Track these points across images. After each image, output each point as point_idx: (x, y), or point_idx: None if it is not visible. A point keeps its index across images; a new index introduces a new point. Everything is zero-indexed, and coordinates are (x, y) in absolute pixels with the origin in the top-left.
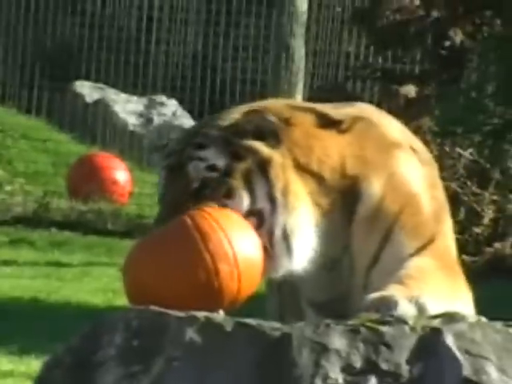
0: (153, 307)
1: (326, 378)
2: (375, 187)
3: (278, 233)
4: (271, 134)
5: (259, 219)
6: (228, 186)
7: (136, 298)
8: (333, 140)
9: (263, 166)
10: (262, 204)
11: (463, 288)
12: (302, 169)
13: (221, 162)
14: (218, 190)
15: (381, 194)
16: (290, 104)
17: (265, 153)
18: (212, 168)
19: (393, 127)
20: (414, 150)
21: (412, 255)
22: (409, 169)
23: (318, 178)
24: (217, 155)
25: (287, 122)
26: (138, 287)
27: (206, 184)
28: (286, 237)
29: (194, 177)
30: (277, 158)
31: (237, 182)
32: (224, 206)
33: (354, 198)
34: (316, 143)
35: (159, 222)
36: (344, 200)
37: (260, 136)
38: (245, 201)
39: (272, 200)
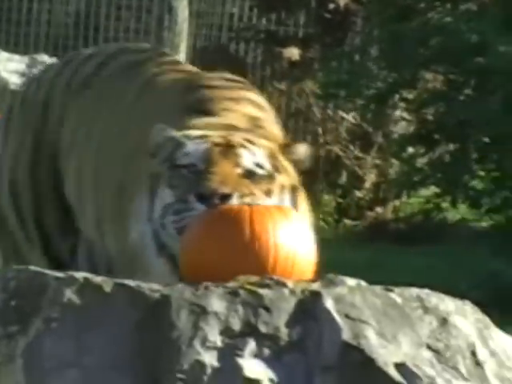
0: (31, 267)
1: (204, 340)
2: None
3: None
4: (301, 168)
5: None
6: (269, 187)
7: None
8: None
9: (294, 189)
10: None
11: None
12: None
13: (267, 166)
14: (260, 186)
15: None
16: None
17: (295, 179)
18: (260, 166)
19: None
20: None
21: None
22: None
23: None
24: (264, 158)
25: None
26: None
27: (249, 175)
28: None
29: (242, 163)
30: (301, 188)
31: (275, 188)
32: (261, 201)
33: None
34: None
35: (201, 181)
36: None
37: (297, 165)
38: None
39: None
